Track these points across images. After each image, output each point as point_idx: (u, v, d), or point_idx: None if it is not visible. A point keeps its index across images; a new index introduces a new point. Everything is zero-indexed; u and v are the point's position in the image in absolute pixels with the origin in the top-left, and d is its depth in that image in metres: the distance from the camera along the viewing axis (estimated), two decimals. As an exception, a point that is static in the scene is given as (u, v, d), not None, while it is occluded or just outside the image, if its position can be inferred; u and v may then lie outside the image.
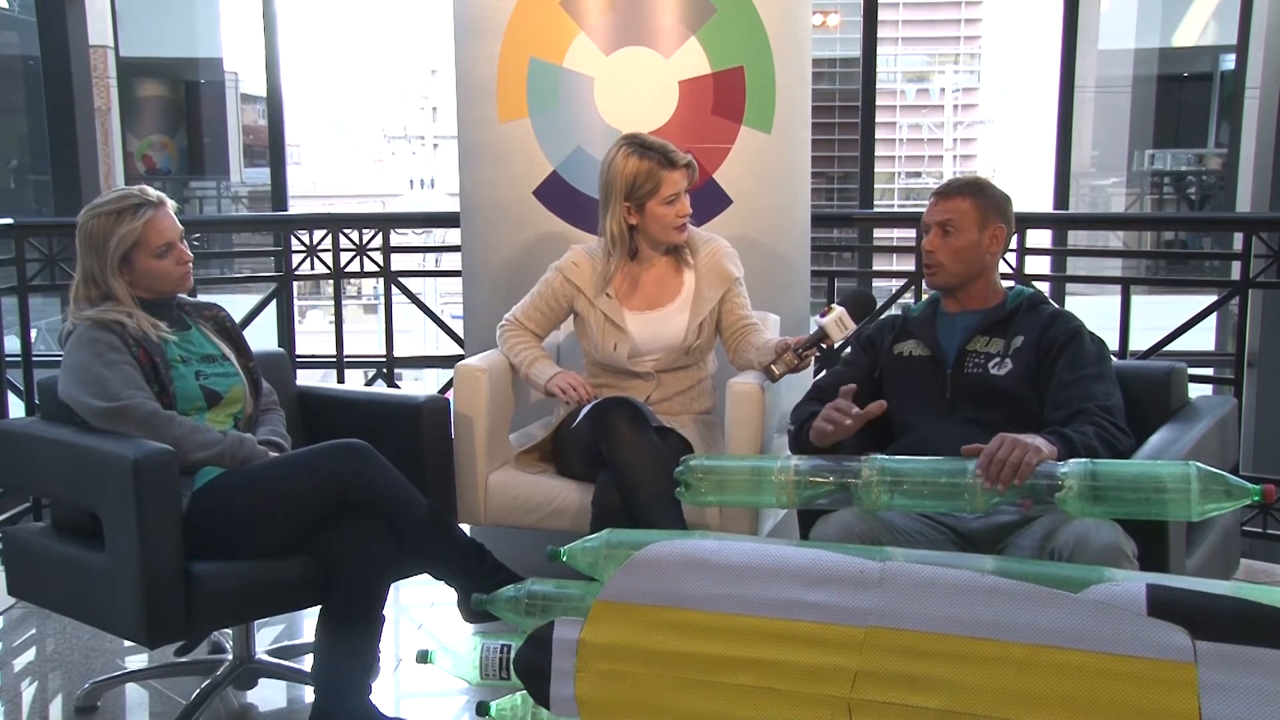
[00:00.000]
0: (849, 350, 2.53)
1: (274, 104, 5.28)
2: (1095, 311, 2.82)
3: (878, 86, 5.14)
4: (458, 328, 3.75)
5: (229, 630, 2.58)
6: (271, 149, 5.44)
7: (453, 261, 3.82)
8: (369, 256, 3.96)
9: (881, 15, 5.21)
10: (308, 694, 2.42)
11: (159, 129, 11.67)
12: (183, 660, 2.59)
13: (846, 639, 1.75)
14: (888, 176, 36.33)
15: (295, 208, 8.00)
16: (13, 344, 3.57)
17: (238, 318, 2.97)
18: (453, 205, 3.45)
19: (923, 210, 2.40)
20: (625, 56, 2.93)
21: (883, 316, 2.62)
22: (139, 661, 2.78)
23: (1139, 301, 3.63)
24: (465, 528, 2.64)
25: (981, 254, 2.32)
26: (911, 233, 3.74)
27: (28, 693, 2.69)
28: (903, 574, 1.78)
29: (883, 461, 2.05)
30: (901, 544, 2.10)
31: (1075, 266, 4.11)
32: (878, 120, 5.18)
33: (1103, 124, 11.29)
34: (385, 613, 2.26)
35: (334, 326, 4.06)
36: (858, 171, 5.21)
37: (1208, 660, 1.59)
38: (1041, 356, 2.26)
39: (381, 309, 4.11)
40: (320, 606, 2.25)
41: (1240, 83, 6.12)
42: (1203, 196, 11.42)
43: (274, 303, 4.00)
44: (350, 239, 3.96)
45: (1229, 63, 8.06)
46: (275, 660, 2.57)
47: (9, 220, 3.54)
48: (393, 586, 2.33)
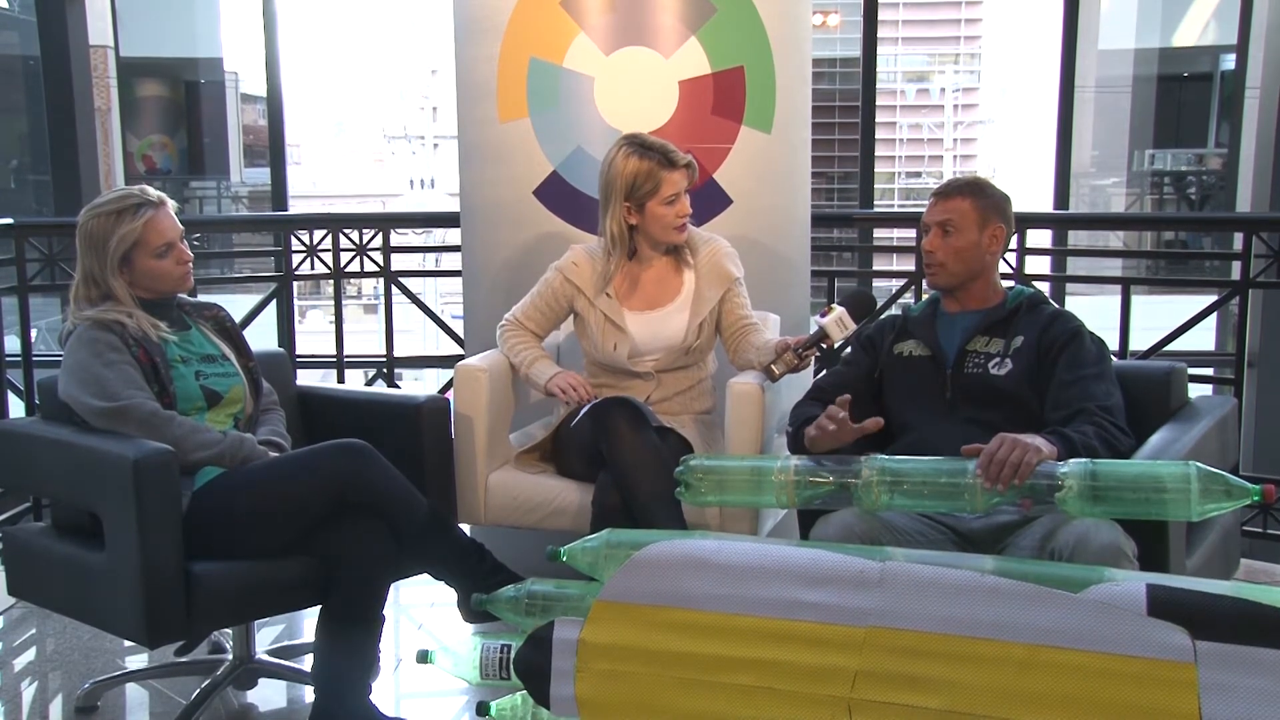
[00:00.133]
0: (849, 350, 2.53)
1: (274, 104, 5.27)
2: (1095, 311, 2.82)
3: (878, 86, 5.14)
4: (458, 328, 3.75)
5: (229, 630, 2.58)
6: (271, 149, 5.44)
7: (453, 261, 3.83)
8: (369, 256, 3.96)
9: (881, 15, 5.21)
10: (308, 694, 2.42)
11: (159, 129, 11.67)
12: (183, 660, 2.58)
13: (846, 639, 1.75)
14: (888, 176, 36.35)
15: (295, 208, 8.00)
16: (13, 344, 3.57)
17: (238, 318, 2.97)
18: (453, 205, 3.45)
19: (923, 210, 2.40)
20: (625, 56, 2.93)
21: (883, 316, 2.62)
22: (139, 661, 2.78)
23: (1139, 301, 3.63)
24: (465, 528, 2.64)
25: (981, 254, 2.32)
26: (911, 233, 3.74)
27: (28, 693, 2.70)
28: (903, 574, 1.78)
29: (883, 461, 2.05)
30: (901, 544, 2.10)
31: (1075, 266, 4.10)
32: (878, 120, 5.18)
33: (1103, 124, 11.29)
34: (385, 613, 2.26)
35: (334, 326, 4.06)
36: (858, 171, 5.21)
37: (1208, 660, 1.59)
38: (1042, 356, 2.26)
39: (381, 309, 4.11)
40: (320, 606, 2.25)
41: (1240, 83, 6.12)
42: (1203, 196, 11.42)
43: (274, 303, 4.00)
44: (350, 239, 3.96)
45: (1229, 63, 8.06)
46: (275, 660, 2.57)
47: (9, 220, 3.54)
48: (393, 586, 2.33)
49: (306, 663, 2.46)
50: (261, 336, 3.40)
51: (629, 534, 1.99)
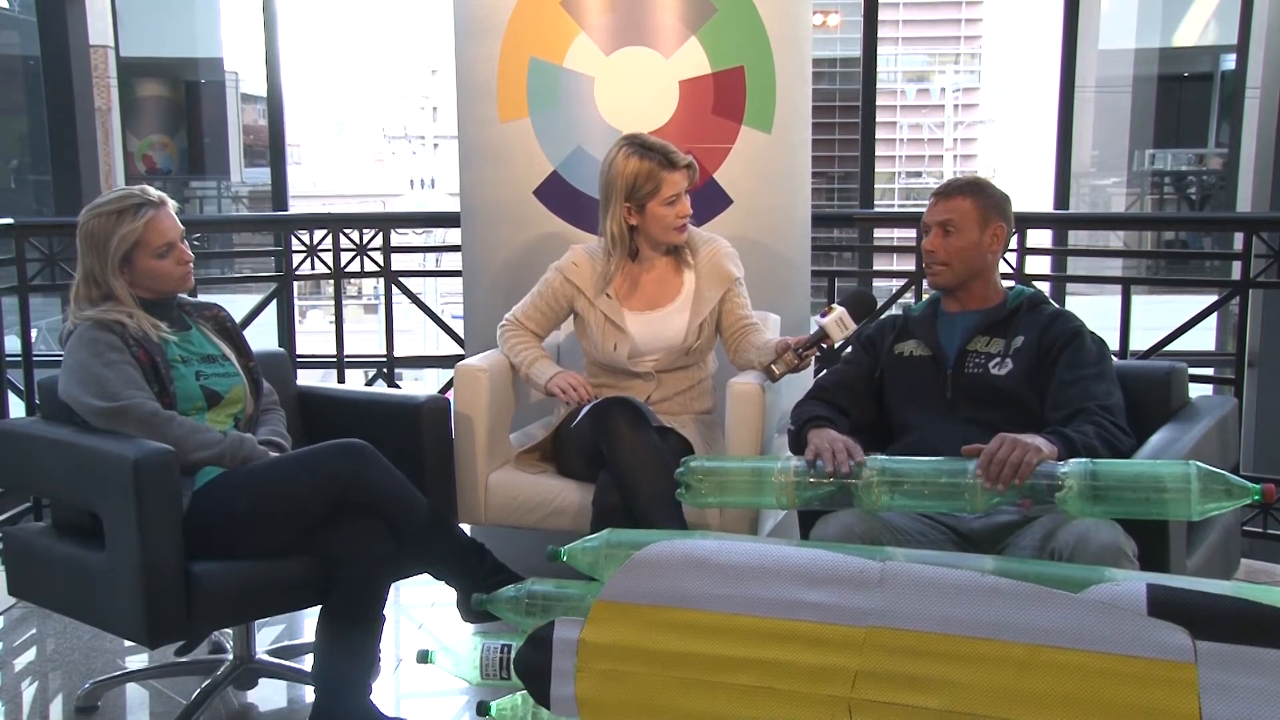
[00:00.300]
0: (849, 350, 2.53)
1: (274, 104, 5.27)
2: (1096, 311, 2.82)
3: (878, 86, 5.14)
4: (458, 328, 3.75)
5: (229, 630, 2.58)
6: (272, 149, 5.43)
7: (453, 261, 3.83)
8: (369, 256, 3.96)
9: (882, 15, 5.21)
10: (308, 694, 2.42)
11: (159, 129, 11.67)
12: (183, 660, 2.58)
13: (847, 639, 1.75)
14: (888, 176, 36.36)
15: (295, 208, 8.00)
16: (13, 344, 3.57)
17: (238, 318, 2.97)
18: (453, 205, 3.45)
19: (923, 210, 2.40)
20: (625, 56, 2.93)
21: (883, 316, 2.62)
22: (139, 661, 2.78)
23: (1139, 301, 3.64)
24: (465, 528, 2.64)
25: (983, 253, 2.32)
26: (912, 232, 3.74)
27: (28, 693, 2.70)
28: (903, 574, 1.78)
29: (883, 462, 2.05)
30: (902, 544, 2.10)
31: (1076, 266, 4.10)
32: (878, 120, 5.18)
33: (1103, 124, 11.29)
34: (385, 613, 2.26)
35: (334, 326, 4.06)
36: (858, 171, 5.21)
37: (1208, 660, 1.59)
38: (1042, 356, 2.26)
39: (382, 309, 4.11)
40: (320, 606, 2.25)
41: (1240, 83, 6.12)
42: (1203, 196, 11.42)
43: (274, 303, 4.01)
44: (350, 239, 3.96)
45: (1229, 63, 8.06)
46: (275, 660, 2.57)
47: (9, 220, 3.54)
48: (393, 586, 2.33)
49: (306, 663, 2.46)
50: (262, 336, 3.40)
51: (629, 534, 1.99)
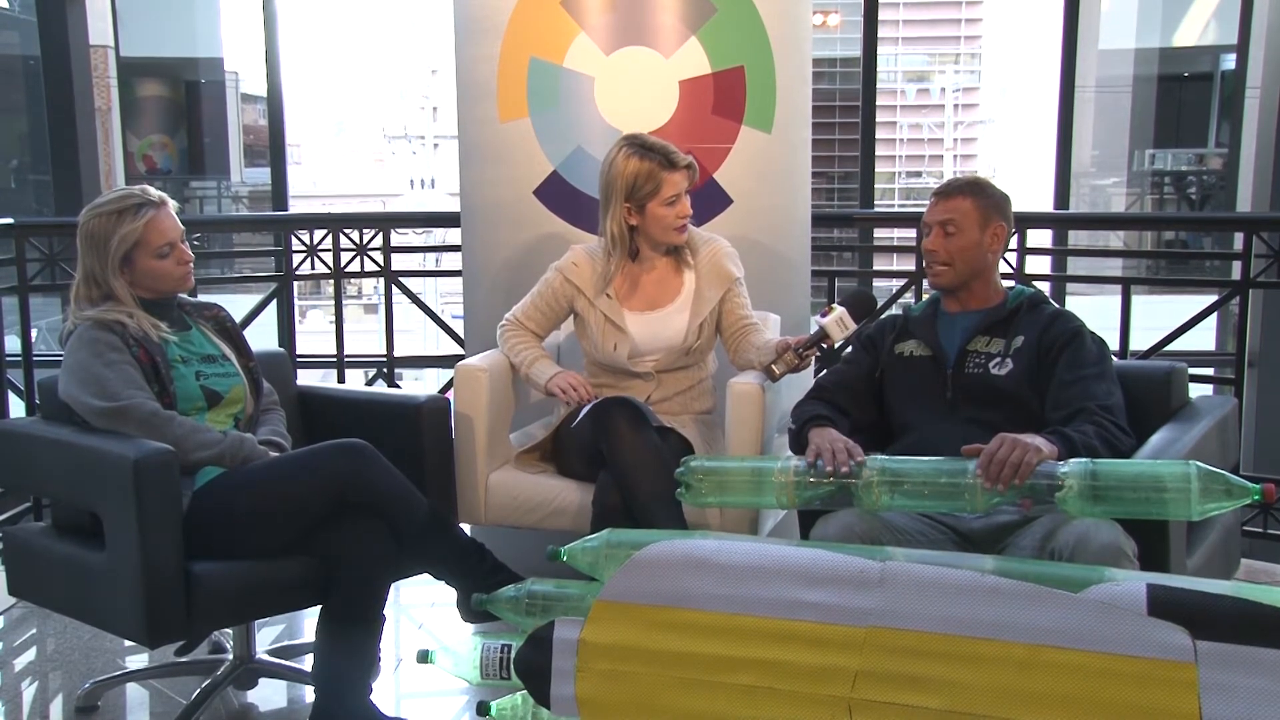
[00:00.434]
0: (850, 349, 2.53)
1: (274, 104, 5.27)
2: (1096, 311, 2.82)
3: (878, 86, 5.14)
4: (458, 328, 3.75)
5: (229, 630, 2.58)
6: (272, 149, 5.43)
7: (453, 261, 3.82)
8: (369, 256, 3.96)
9: (882, 15, 5.21)
10: (308, 694, 2.42)
11: (159, 129, 11.68)
12: (183, 660, 2.58)
13: (847, 639, 1.75)
14: (888, 176, 36.38)
15: (295, 207, 8.00)
16: (13, 344, 3.57)
17: (238, 318, 2.97)
18: (453, 205, 3.44)
19: (923, 210, 2.40)
20: (625, 56, 2.93)
21: (883, 316, 2.62)
22: (139, 661, 2.78)
23: (1139, 301, 3.63)
24: (465, 527, 2.64)
25: (983, 253, 2.32)
26: (912, 232, 3.74)
27: (28, 692, 2.70)
28: (903, 574, 1.78)
29: (883, 462, 2.05)
30: (902, 544, 2.10)
31: (1076, 266, 4.10)
32: (878, 120, 5.18)
33: (1103, 124, 11.29)
34: (385, 613, 2.26)
35: (334, 326, 4.06)
36: (858, 171, 5.21)
37: (1208, 660, 1.59)
38: (1042, 356, 2.26)
39: (382, 309, 4.11)
40: (320, 606, 2.25)
41: (1241, 82, 6.12)
42: (1203, 196, 11.42)
43: (274, 302, 4.00)
44: (350, 239, 3.96)
45: (1229, 62, 8.06)
46: (275, 660, 2.57)
47: (9, 220, 3.54)
48: (393, 586, 2.33)
49: (306, 663, 2.46)
50: (262, 336, 3.40)
51: (629, 534, 1.99)
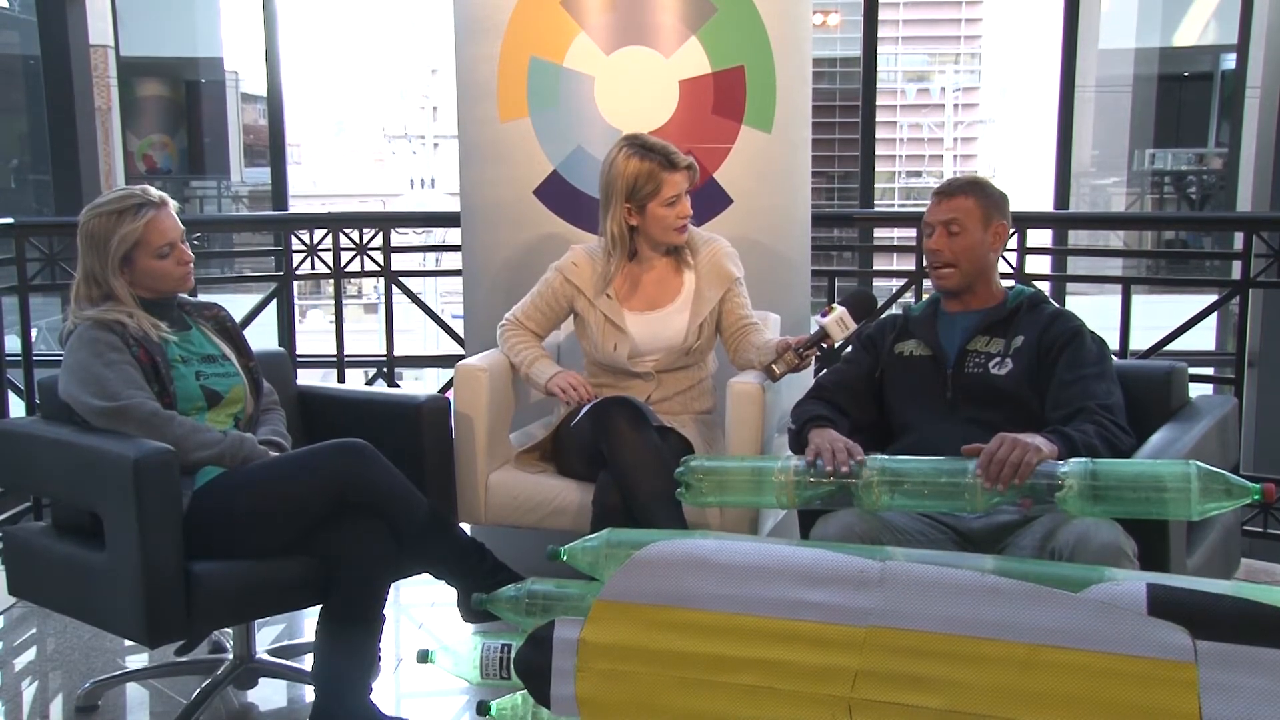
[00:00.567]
0: (850, 349, 2.53)
1: (274, 103, 5.27)
2: (1096, 311, 2.82)
3: (878, 86, 5.13)
4: (458, 327, 3.75)
5: (229, 630, 2.58)
6: (272, 148, 5.43)
7: (453, 261, 3.83)
8: (369, 256, 3.96)
9: (882, 15, 5.20)
10: (308, 694, 2.42)
11: (159, 128, 11.68)
12: (183, 660, 2.58)
13: (847, 639, 1.75)
14: (888, 176, 36.40)
15: (295, 207, 8.00)
16: (13, 344, 3.57)
17: (238, 317, 2.97)
18: (453, 205, 3.44)
19: (924, 209, 2.40)
20: (626, 56, 2.93)
21: (883, 316, 2.62)
22: (139, 661, 2.78)
23: (1139, 301, 3.63)
24: (465, 527, 2.64)
25: (986, 252, 2.33)
26: (912, 232, 3.74)
27: (28, 692, 2.69)
28: (903, 574, 1.78)
29: (883, 461, 2.05)
30: (902, 544, 2.10)
31: (1076, 266, 4.10)
32: (878, 120, 5.17)
33: (1103, 124, 11.30)
34: (385, 612, 2.25)
35: (334, 326, 4.06)
36: (858, 171, 5.20)
37: (1208, 660, 1.59)
38: (1042, 356, 2.25)
39: (382, 309, 4.11)
40: (320, 606, 2.25)
41: (1241, 82, 6.12)
42: (1203, 196, 11.43)
43: (274, 302, 4.00)
44: (350, 238, 3.96)
45: (1229, 62, 8.06)
46: (275, 660, 2.57)
47: (9, 220, 3.54)
48: (393, 586, 2.33)
49: (306, 662, 2.46)
50: (262, 336, 3.39)
51: (629, 534, 1.99)
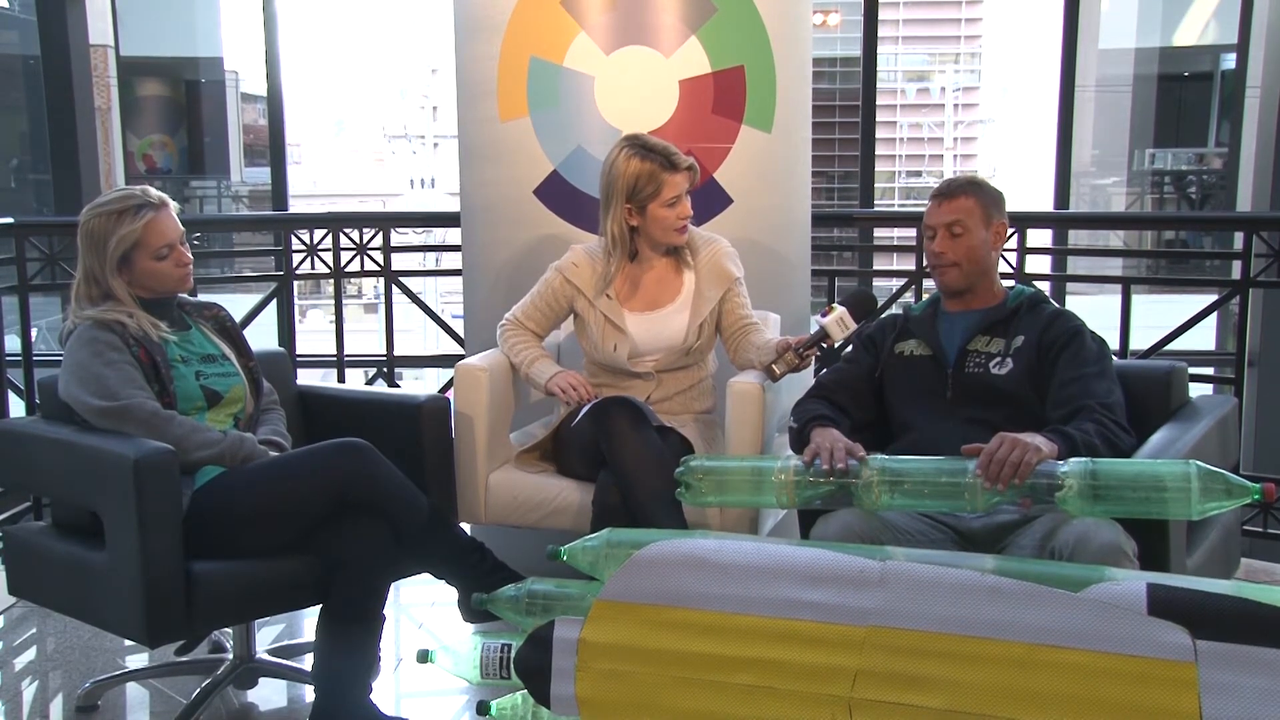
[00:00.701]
0: (850, 349, 2.53)
1: (274, 103, 5.27)
2: (1096, 311, 2.82)
3: (878, 86, 5.13)
4: (458, 327, 3.75)
5: (229, 630, 2.58)
6: (272, 148, 5.43)
7: (453, 261, 3.83)
8: (369, 256, 3.96)
9: (882, 15, 5.20)
10: (308, 693, 2.42)
11: (159, 128, 11.69)
12: (183, 660, 2.58)
13: (847, 638, 1.75)
14: (888, 176, 36.40)
15: (295, 207, 8.01)
16: (13, 343, 3.57)
17: (238, 317, 2.97)
18: (453, 205, 3.44)
19: (924, 209, 2.39)
20: (626, 56, 2.93)
21: (883, 315, 2.62)
22: (139, 661, 2.78)
23: (1139, 301, 3.63)
24: (465, 527, 2.64)
25: (988, 250, 2.33)
26: (912, 232, 3.74)
27: (28, 692, 2.69)
28: (903, 573, 1.78)
29: (883, 461, 2.05)
30: (902, 543, 2.10)
31: (1076, 266, 4.10)
32: (878, 119, 5.17)
33: (1103, 123, 11.30)
34: (385, 612, 2.25)
35: (334, 326, 4.06)
36: (858, 171, 5.20)
37: (1208, 659, 1.59)
38: (1042, 356, 2.25)
39: (382, 308, 4.11)
40: (320, 606, 2.25)
41: (1241, 82, 6.12)
42: (1203, 196, 11.44)
43: (274, 302, 4.00)
44: (351, 238, 3.96)
45: (1229, 62, 8.07)
46: (275, 660, 2.57)
47: (9, 220, 3.54)
48: (393, 586, 2.33)
49: (307, 662, 2.46)
50: (262, 336, 3.39)
51: (629, 533, 1.99)
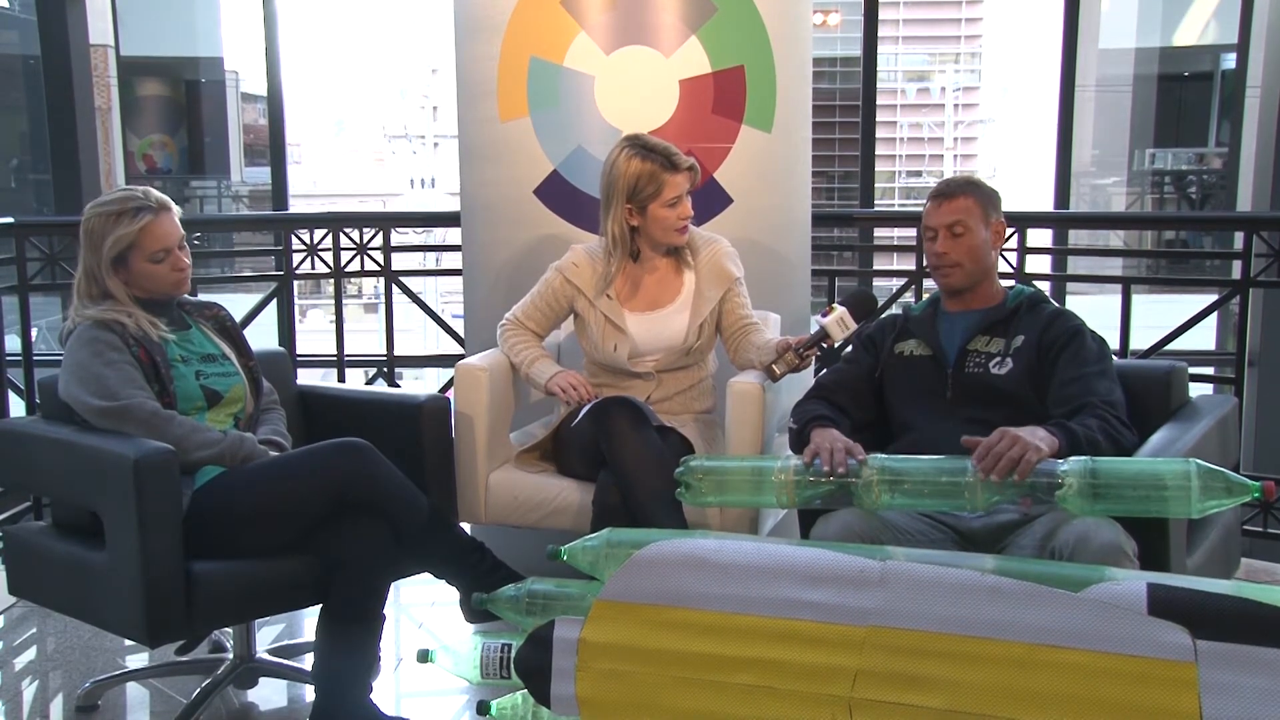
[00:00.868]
0: (850, 349, 2.53)
1: (274, 103, 5.27)
2: (1096, 311, 2.82)
3: (878, 86, 5.13)
4: (458, 327, 3.75)
5: (229, 629, 2.58)
6: (272, 148, 5.43)
7: (453, 261, 3.83)
8: (369, 256, 3.96)
9: (882, 14, 5.20)
10: (308, 693, 2.42)
11: (159, 128, 11.69)
12: (183, 659, 2.58)
13: (847, 638, 1.75)
14: (888, 176, 36.39)
15: (296, 207, 8.01)
16: (13, 343, 3.57)
17: (238, 317, 2.97)
18: (453, 204, 3.45)
19: (923, 209, 2.39)
20: (626, 55, 2.93)
21: (883, 316, 2.62)
22: (139, 660, 2.78)
23: (1140, 300, 3.63)
24: (466, 527, 2.64)
25: (989, 249, 2.33)
26: (912, 232, 3.74)
27: (28, 692, 2.70)
28: (903, 573, 1.78)
29: (883, 461, 2.05)
30: (902, 543, 2.10)
31: (1076, 266, 4.10)
32: (878, 119, 5.17)
33: (1103, 123, 11.30)
34: (385, 612, 2.25)
35: (334, 326, 4.06)
36: (858, 170, 5.20)
37: (1208, 659, 1.59)
38: (1042, 355, 2.25)
39: (382, 308, 4.11)
40: (320, 606, 2.25)
41: (1241, 82, 6.12)
42: (1203, 196, 11.44)
43: (274, 302, 4.00)
44: (351, 238, 3.96)
45: (1230, 62, 8.07)
46: (276, 659, 2.57)
47: (9, 219, 3.54)
48: (393, 586, 2.33)
49: (307, 662, 2.46)
50: (262, 336, 3.39)
51: (629, 533, 1.99)
